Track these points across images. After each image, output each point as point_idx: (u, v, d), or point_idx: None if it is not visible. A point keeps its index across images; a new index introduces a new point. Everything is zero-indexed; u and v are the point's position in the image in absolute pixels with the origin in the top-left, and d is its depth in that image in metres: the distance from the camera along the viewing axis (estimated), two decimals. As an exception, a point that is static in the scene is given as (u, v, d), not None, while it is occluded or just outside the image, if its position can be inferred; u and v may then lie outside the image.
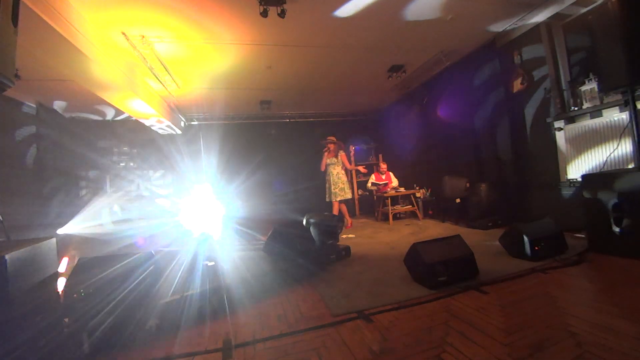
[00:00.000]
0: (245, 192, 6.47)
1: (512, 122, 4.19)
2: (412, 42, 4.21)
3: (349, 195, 5.10)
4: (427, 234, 4.29)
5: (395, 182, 6.16)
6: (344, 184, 5.11)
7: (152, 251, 2.06)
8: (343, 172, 5.20)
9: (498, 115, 4.33)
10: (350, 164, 5.20)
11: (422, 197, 5.87)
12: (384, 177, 6.16)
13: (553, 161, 3.72)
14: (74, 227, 4.86)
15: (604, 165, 2.91)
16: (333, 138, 5.31)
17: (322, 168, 5.17)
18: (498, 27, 4.05)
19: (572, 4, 3.34)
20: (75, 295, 1.71)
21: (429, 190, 5.82)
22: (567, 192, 3.57)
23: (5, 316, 1.07)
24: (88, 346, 1.58)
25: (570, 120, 3.53)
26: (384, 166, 6.31)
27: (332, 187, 5.07)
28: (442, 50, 4.55)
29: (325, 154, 5.16)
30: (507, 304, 1.79)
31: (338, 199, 5.01)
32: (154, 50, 3.76)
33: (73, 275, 1.80)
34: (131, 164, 6.32)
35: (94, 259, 2.04)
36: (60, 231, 5.08)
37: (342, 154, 5.22)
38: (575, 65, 3.66)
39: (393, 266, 2.75)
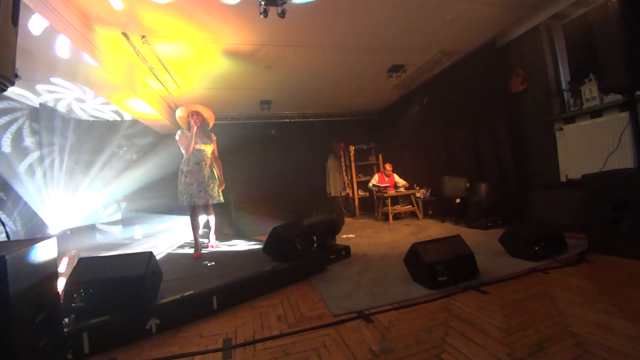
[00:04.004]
0: (245, 192, 6.47)
1: (512, 122, 4.18)
2: (412, 42, 4.21)
3: (215, 200, 3.37)
4: (427, 234, 4.30)
5: (402, 182, 6.07)
6: (217, 180, 3.44)
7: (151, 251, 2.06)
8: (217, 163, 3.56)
9: (498, 115, 4.33)
10: (217, 156, 3.56)
11: (422, 197, 5.87)
12: (387, 179, 6.10)
13: (553, 161, 3.72)
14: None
15: (604, 165, 2.91)
16: (199, 109, 3.40)
17: (188, 152, 3.25)
18: (498, 27, 4.05)
19: (572, 4, 3.34)
20: (75, 295, 1.71)
21: (429, 190, 5.82)
22: (567, 192, 3.56)
23: (4, 316, 1.07)
24: (88, 346, 1.59)
25: (570, 120, 3.53)
26: (389, 168, 6.17)
27: (207, 184, 3.28)
28: (442, 50, 4.55)
29: (194, 127, 3.27)
30: (507, 304, 1.79)
31: (215, 201, 3.35)
32: (154, 51, 3.76)
33: (73, 275, 1.80)
34: (132, 165, 6.31)
35: (94, 259, 2.04)
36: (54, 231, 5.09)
37: (214, 137, 3.54)
38: (575, 65, 3.66)
39: (393, 266, 2.75)
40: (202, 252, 3.31)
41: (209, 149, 3.39)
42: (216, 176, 3.41)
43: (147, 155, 6.30)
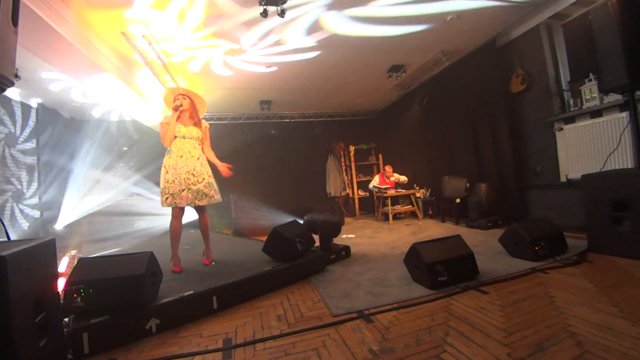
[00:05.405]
0: (245, 191, 6.47)
1: (512, 122, 4.19)
2: (412, 42, 4.21)
3: (217, 198, 2.81)
4: (427, 234, 4.30)
5: (402, 178, 6.08)
6: (211, 176, 2.80)
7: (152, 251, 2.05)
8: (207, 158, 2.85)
9: (498, 115, 4.33)
10: (210, 149, 2.89)
11: (422, 197, 5.87)
12: (388, 180, 6.09)
13: (553, 161, 3.72)
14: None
15: (604, 165, 2.91)
16: (187, 92, 2.83)
17: (168, 143, 2.68)
18: (498, 27, 4.05)
19: (572, 4, 3.35)
20: (75, 295, 1.71)
21: (429, 190, 5.83)
22: (567, 192, 3.57)
23: (4, 316, 1.07)
24: (88, 346, 1.58)
25: (570, 120, 3.53)
26: (389, 169, 6.18)
27: (193, 182, 2.66)
28: (442, 50, 4.56)
29: (177, 112, 2.68)
30: (507, 304, 1.79)
31: (203, 203, 2.71)
32: (154, 50, 3.76)
33: (73, 275, 1.80)
34: (131, 164, 6.30)
35: (94, 259, 2.04)
36: (58, 225, 5.12)
37: (206, 127, 2.89)
38: (575, 65, 3.66)
39: (393, 266, 2.75)
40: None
41: (195, 138, 2.77)
42: (208, 172, 2.77)
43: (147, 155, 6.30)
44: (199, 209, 2.82)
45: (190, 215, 3.51)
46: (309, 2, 3.16)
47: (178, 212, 2.69)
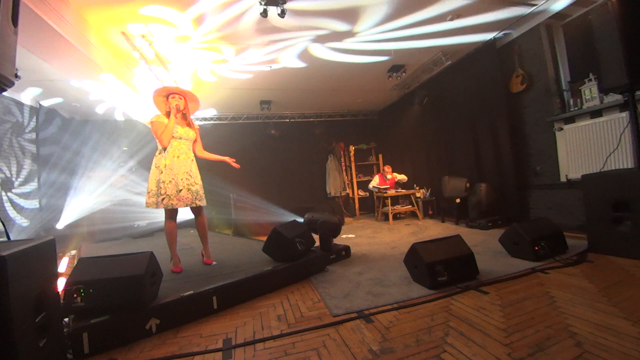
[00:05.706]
0: (245, 191, 6.47)
1: (512, 122, 4.19)
2: (413, 43, 4.21)
3: (203, 202, 2.72)
4: (427, 234, 4.30)
5: (400, 177, 6.11)
6: (198, 178, 2.74)
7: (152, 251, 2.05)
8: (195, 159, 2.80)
9: (498, 115, 4.33)
10: (203, 149, 2.91)
11: (422, 197, 5.87)
12: (387, 180, 6.11)
13: (553, 161, 3.72)
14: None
15: (604, 165, 2.91)
16: (181, 91, 2.72)
17: (165, 142, 2.56)
18: (498, 27, 4.05)
19: (572, 4, 3.35)
20: (75, 295, 1.71)
21: (429, 190, 5.83)
22: (567, 192, 3.57)
23: (4, 316, 1.07)
24: (88, 346, 1.58)
25: (570, 120, 3.53)
26: (388, 169, 6.22)
27: (190, 182, 2.63)
28: (442, 50, 4.55)
29: (175, 115, 2.60)
30: (507, 304, 1.79)
31: (202, 203, 2.72)
32: (154, 50, 3.76)
33: (73, 275, 1.80)
34: (131, 164, 6.30)
35: (94, 259, 2.04)
36: (60, 225, 5.12)
37: (197, 128, 2.87)
38: (575, 65, 3.67)
39: (393, 266, 2.75)
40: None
41: (191, 140, 2.74)
42: (199, 174, 2.75)
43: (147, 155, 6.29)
44: (197, 210, 2.77)
45: (185, 214, 3.51)
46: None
47: (173, 213, 2.67)
